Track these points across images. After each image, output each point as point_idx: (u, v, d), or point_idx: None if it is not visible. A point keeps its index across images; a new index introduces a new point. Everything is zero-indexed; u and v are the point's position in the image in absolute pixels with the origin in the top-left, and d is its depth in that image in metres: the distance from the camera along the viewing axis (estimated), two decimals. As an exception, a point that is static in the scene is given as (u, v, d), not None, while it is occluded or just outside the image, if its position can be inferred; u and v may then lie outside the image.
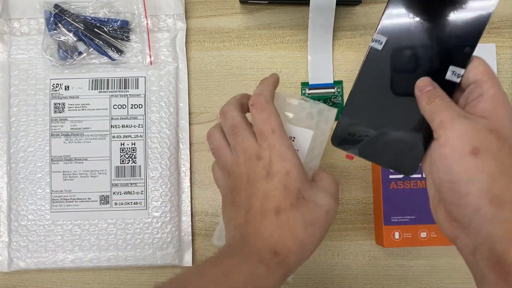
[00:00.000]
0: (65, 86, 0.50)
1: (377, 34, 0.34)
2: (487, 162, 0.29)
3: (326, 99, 0.51)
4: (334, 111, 0.39)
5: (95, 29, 0.50)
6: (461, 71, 0.32)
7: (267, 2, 0.51)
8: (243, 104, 0.39)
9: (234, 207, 0.36)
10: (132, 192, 0.49)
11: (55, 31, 0.50)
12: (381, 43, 0.34)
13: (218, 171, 0.39)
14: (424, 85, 0.33)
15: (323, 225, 0.35)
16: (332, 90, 0.51)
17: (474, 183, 0.29)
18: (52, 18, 0.49)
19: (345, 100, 0.51)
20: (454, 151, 0.30)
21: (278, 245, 0.33)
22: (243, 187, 0.36)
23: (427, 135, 0.33)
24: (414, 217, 0.47)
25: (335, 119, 0.38)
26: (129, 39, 0.51)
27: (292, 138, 0.39)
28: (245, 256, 0.33)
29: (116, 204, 0.49)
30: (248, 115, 0.38)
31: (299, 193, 0.35)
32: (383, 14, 0.34)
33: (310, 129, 0.39)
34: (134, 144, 0.50)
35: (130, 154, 0.50)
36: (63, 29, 0.50)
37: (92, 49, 0.50)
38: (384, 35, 0.34)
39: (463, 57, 0.33)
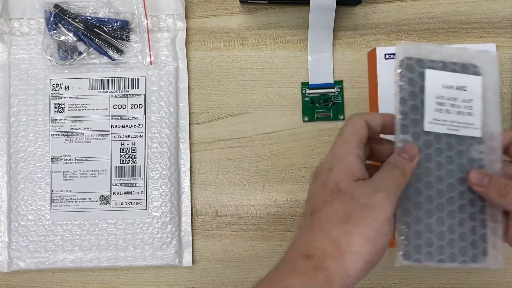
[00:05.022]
0: (65, 86, 0.50)
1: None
2: None
3: (326, 99, 0.51)
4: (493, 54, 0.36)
5: (95, 29, 0.50)
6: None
7: (267, 2, 0.51)
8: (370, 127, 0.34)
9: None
10: (132, 192, 0.49)
11: (55, 31, 0.50)
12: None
13: None
14: (479, 179, 0.33)
15: (358, 223, 0.29)
16: (333, 90, 0.51)
17: None
18: (52, 18, 0.49)
19: (345, 100, 0.52)
20: None
21: (309, 248, 0.30)
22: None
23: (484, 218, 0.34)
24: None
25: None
26: (129, 39, 0.51)
27: (464, 88, 0.35)
28: (278, 270, 0.31)
29: (116, 204, 0.49)
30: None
31: (335, 186, 0.31)
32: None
33: (477, 75, 0.35)
34: (134, 144, 0.50)
35: (130, 154, 0.50)
36: (63, 29, 0.50)
37: (92, 49, 0.50)
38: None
39: None
